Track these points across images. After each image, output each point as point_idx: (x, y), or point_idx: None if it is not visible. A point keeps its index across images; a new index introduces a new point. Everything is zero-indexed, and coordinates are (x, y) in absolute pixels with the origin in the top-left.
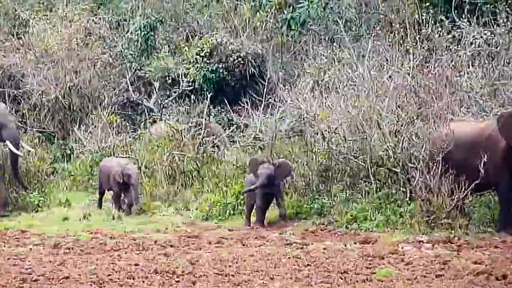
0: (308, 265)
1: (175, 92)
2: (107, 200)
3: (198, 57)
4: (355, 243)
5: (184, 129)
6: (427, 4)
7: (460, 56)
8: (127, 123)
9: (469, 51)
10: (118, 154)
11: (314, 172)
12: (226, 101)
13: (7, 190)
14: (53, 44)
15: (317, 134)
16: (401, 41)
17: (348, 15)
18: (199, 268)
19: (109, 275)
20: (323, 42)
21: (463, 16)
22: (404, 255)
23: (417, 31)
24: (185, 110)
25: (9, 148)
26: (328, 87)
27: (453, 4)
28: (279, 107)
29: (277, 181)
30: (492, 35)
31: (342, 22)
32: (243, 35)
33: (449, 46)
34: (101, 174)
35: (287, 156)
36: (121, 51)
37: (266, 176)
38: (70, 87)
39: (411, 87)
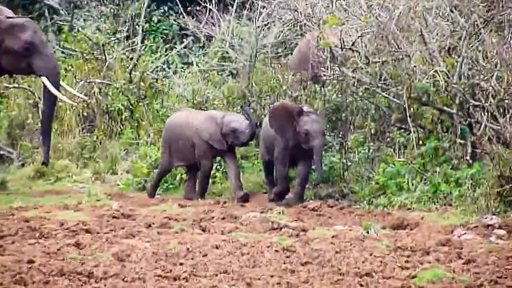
0: (306, 262)
1: None
2: None
3: None
4: (383, 228)
5: (109, 43)
6: None
7: None
8: None
9: None
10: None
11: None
12: None
13: None
14: None
15: (323, 51)
16: None
17: None
18: (132, 267)
19: None
20: None
21: None
22: (461, 248)
23: None
24: (110, 12)
25: (44, 87)
26: None
27: None
28: (263, 7)
29: None
30: None
31: None
32: None
33: None
34: (174, 137)
35: (274, 87)
36: None
37: (323, 133)
38: None
39: None
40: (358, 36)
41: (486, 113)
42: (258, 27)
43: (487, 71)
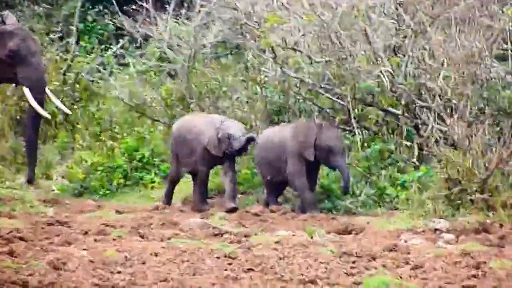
0: (249, 269)
1: None
2: None
3: None
4: (328, 233)
5: (42, 44)
6: None
7: None
8: None
9: None
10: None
11: (261, 116)
12: None
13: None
14: None
15: (265, 51)
16: None
17: None
18: (68, 276)
19: None
20: None
21: None
22: (408, 253)
23: None
24: (43, 12)
25: (28, 101)
26: None
27: None
28: (201, 6)
29: None
30: None
31: None
32: None
33: None
34: (177, 142)
35: (214, 89)
36: None
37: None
38: None
39: None
40: (301, 35)
41: (433, 114)
42: (197, 26)
43: (434, 70)
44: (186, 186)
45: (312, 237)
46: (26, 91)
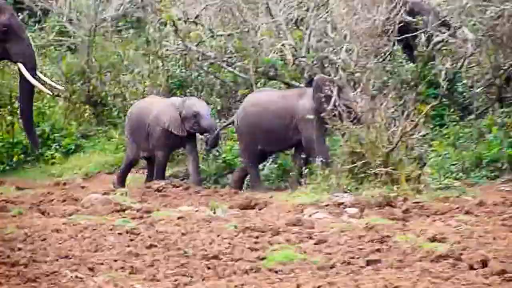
0: (151, 245)
1: None
2: None
3: None
4: (231, 208)
5: None
6: None
7: None
8: None
9: None
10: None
11: (163, 89)
12: None
13: None
14: None
15: (166, 25)
16: None
17: None
18: None
19: None
20: None
21: None
22: (312, 228)
23: None
24: None
25: (20, 75)
26: None
27: None
28: None
29: None
30: None
31: None
32: None
33: None
34: (134, 125)
35: (115, 63)
36: None
37: None
38: None
39: None
40: (202, 9)
41: (336, 88)
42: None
43: (337, 43)
44: (86, 161)
45: (214, 212)
46: (21, 66)
